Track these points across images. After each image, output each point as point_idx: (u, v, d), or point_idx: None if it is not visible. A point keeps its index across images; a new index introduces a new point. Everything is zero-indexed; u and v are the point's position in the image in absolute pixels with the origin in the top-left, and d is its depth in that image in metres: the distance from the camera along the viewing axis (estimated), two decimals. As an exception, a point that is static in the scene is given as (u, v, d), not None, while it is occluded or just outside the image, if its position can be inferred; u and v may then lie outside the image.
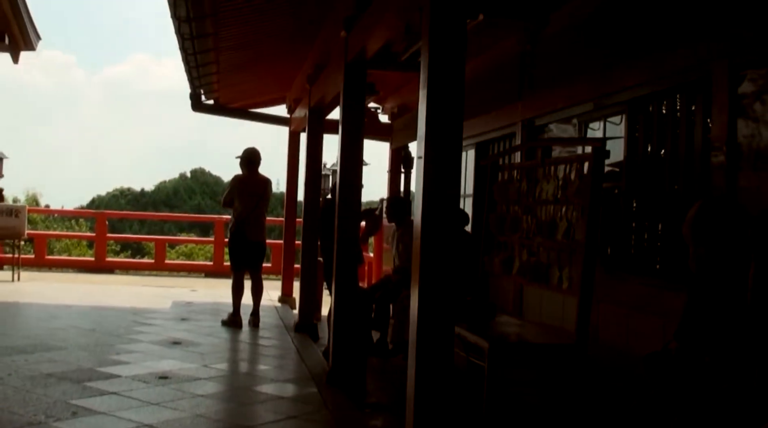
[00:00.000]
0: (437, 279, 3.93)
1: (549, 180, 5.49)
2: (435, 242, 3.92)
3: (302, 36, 9.13)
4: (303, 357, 7.72)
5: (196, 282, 15.22)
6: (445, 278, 3.93)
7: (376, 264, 12.88)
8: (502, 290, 7.48)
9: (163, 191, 56.79)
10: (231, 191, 9.61)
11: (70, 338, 7.99)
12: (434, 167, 3.88)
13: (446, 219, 3.92)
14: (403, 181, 12.51)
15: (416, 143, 4.07)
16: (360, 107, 6.95)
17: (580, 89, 6.33)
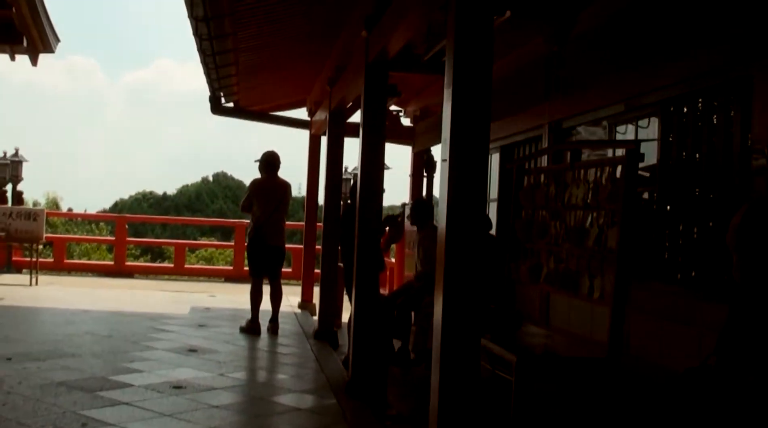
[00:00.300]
0: (462, 286, 3.72)
1: (579, 184, 5.24)
2: (460, 248, 3.70)
3: (322, 37, 8.94)
4: (322, 366, 7.51)
5: (216, 287, 15.07)
6: (471, 285, 3.72)
7: (397, 270, 12.64)
8: (527, 298, 7.24)
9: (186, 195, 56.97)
10: (250, 195, 9.43)
11: (85, 344, 7.83)
12: (459, 169, 3.67)
13: (472, 224, 3.71)
14: (426, 185, 12.28)
15: (440, 146, 3.85)
16: (381, 108, 6.74)
17: (610, 90, 6.08)
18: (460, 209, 3.67)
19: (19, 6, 10.59)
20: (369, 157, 6.56)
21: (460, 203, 3.67)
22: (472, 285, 3.71)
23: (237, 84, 10.28)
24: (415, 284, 8.79)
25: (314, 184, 12.01)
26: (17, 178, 15.67)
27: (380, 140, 6.59)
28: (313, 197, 12.13)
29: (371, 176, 6.52)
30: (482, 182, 3.71)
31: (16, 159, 15.72)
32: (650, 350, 5.38)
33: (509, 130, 8.13)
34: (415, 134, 12.28)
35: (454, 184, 3.66)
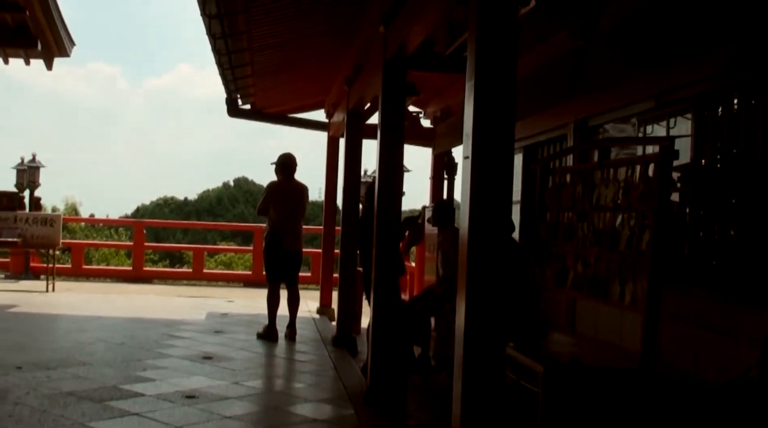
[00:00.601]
0: (486, 292, 3.48)
1: (608, 184, 4.97)
2: (483, 251, 3.46)
3: (339, 35, 8.72)
4: (340, 374, 7.28)
5: (234, 292, 14.89)
6: (495, 290, 3.48)
7: (418, 274, 12.39)
8: (552, 304, 6.97)
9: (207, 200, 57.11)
10: (266, 198, 9.21)
11: (97, 352, 7.64)
12: (483, 167, 3.42)
13: (496, 225, 3.46)
14: (446, 188, 12.03)
15: (461, 147, 3.60)
16: (400, 107, 6.51)
17: (639, 86, 5.81)
18: (484, 210, 3.43)
19: (33, 9, 10.47)
20: (387, 158, 6.32)
21: (483, 203, 3.42)
22: (496, 290, 3.46)
23: (253, 85, 10.09)
24: (436, 288, 8.57)
25: (332, 187, 11.78)
26: (34, 184, 15.58)
27: (399, 140, 6.35)
28: (332, 201, 11.90)
29: (390, 177, 6.28)
30: (507, 181, 3.46)
31: (33, 165, 15.64)
32: (683, 359, 5.10)
33: (532, 130, 7.86)
34: (435, 136, 12.05)
35: (477, 183, 3.41)
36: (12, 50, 11.51)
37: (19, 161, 15.79)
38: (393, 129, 6.35)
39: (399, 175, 6.38)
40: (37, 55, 11.62)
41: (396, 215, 6.36)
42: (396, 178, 6.32)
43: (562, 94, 7.05)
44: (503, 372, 3.64)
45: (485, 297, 3.47)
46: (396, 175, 6.32)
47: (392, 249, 6.38)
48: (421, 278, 12.10)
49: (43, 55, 11.58)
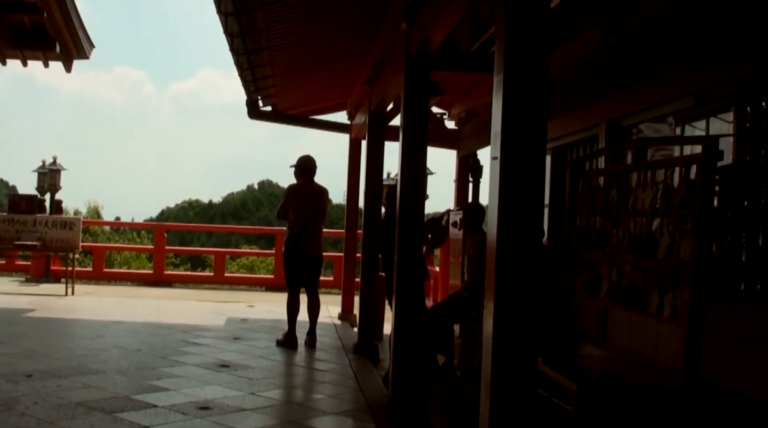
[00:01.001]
0: (516, 301, 3.20)
1: (645, 187, 4.65)
2: (513, 257, 3.18)
3: (360, 34, 8.46)
4: (361, 385, 7.01)
5: (255, 296, 14.67)
6: (526, 299, 3.19)
7: (442, 279, 12.08)
8: (583, 314, 6.64)
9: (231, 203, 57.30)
10: (285, 201, 8.96)
11: (111, 359, 7.42)
12: (512, 168, 3.14)
13: (526, 229, 3.16)
14: (472, 191, 11.72)
15: (487, 148, 3.32)
16: (423, 107, 6.22)
17: (677, 83, 5.47)
18: (513, 213, 3.14)
19: (51, 10, 10.31)
20: (410, 158, 6.04)
21: (513, 206, 3.14)
22: (527, 299, 3.17)
23: (273, 86, 9.84)
24: (461, 294, 8.30)
25: (354, 190, 11.52)
26: (55, 187, 15.46)
27: (422, 140, 6.07)
28: (354, 204, 11.64)
29: (412, 179, 5.99)
30: (538, 182, 3.17)
31: (54, 168, 15.52)
32: (725, 375, 4.76)
33: (561, 130, 7.53)
34: (460, 138, 11.76)
35: (506, 185, 3.12)
36: (30, 52, 11.34)
37: (41, 164, 15.69)
38: (416, 129, 6.07)
39: (422, 176, 6.11)
40: (55, 57, 11.45)
41: (419, 219, 6.07)
42: (419, 179, 6.04)
43: (592, 93, 6.73)
44: (535, 388, 3.34)
45: (515, 306, 3.19)
46: (419, 176, 6.04)
47: (415, 253, 6.10)
48: (445, 284, 11.79)
49: (62, 57, 11.42)
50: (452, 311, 8.09)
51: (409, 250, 6.01)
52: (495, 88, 3.26)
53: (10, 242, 13.35)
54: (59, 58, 11.44)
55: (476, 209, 8.31)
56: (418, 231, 6.12)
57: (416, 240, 6.09)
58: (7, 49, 11.20)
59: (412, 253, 6.04)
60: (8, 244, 13.44)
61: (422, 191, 6.06)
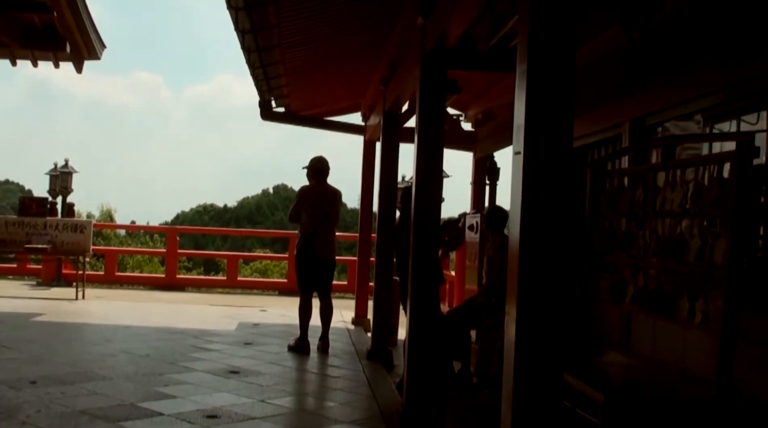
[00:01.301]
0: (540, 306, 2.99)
1: (674, 187, 4.41)
2: (537, 260, 2.96)
3: (375, 32, 8.25)
4: (374, 391, 6.79)
5: (268, 301, 14.47)
6: (551, 304, 2.97)
7: (458, 284, 11.83)
8: (605, 319, 6.39)
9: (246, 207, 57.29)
10: (297, 204, 8.75)
11: (119, 365, 7.23)
12: (537, 164, 2.92)
13: (551, 230, 2.94)
14: (488, 194, 11.49)
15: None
16: (439, 105, 6.01)
17: (705, 79, 5.22)
18: (537, 212, 2.92)
19: (61, 9, 10.17)
20: (425, 159, 5.82)
21: (537, 204, 2.92)
22: (552, 304, 2.95)
23: (286, 86, 9.65)
24: (478, 298, 8.08)
25: (368, 192, 11.29)
26: (67, 189, 15.31)
27: (438, 139, 5.85)
28: (368, 207, 11.42)
29: (428, 180, 5.77)
30: (565, 179, 2.94)
31: (66, 170, 15.38)
32: (758, 385, 4.51)
33: (582, 130, 7.24)
34: (476, 139, 11.53)
35: (529, 182, 2.91)
36: (40, 53, 11.23)
37: (52, 167, 15.56)
38: (432, 128, 5.85)
39: (437, 178, 5.88)
40: (66, 58, 11.33)
41: (434, 222, 5.85)
42: (434, 181, 5.82)
43: (615, 92, 6.50)
44: (560, 399, 3.12)
45: (539, 312, 2.98)
46: (434, 177, 5.82)
47: (430, 257, 5.87)
48: (461, 288, 11.54)
49: (72, 57, 11.29)
50: (469, 316, 7.87)
51: (424, 254, 5.80)
52: (518, 79, 3.04)
53: (21, 246, 13.21)
54: (70, 59, 11.31)
55: (498, 212, 8.13)
56: (434, 235, 5.89)
57: (432, 244, 5.87)
58: (18, 50, 11.09)
59: (428, 257, 5.82)
60: (18, 247, 13.30)
61: (438, 193, 5.83)
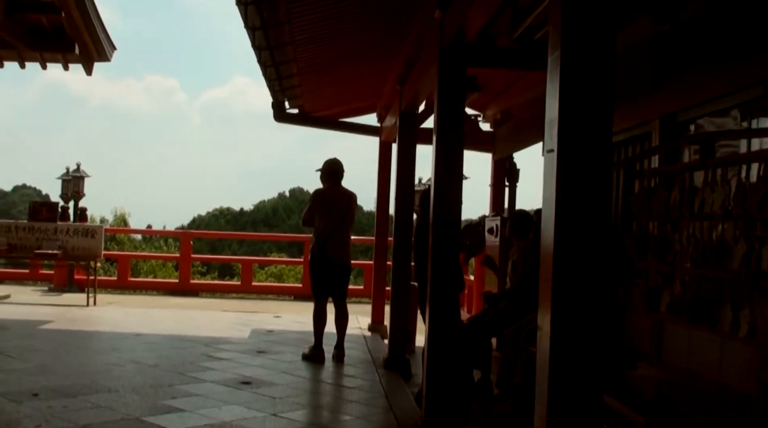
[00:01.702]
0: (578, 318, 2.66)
1: (715, 187, 4.08)
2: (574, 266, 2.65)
3: (391, 30, 7.96)
4: (391, 403, 6.49)
5: (283, 306, 14.21)
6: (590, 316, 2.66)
7: (477, 289, 11.50)
8: (634, 327, 6.06)
9: (262, 211, 57.22)
10: (311, 207, 8.45)
11: (126, 376, 6.96)
12: (573, 162, 2.60)
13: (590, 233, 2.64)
14: (508, 196, 11.16)
15: (545, 131, 2.79)
16: (459, 103, 5.70)
17: (743, 71, 4.88)
18: (574, 214, 2.62)
19: (69, 10, 9.96)
20: (445, 159, 5.52)
21: (573, 205, 2.61)
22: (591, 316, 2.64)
23: (299, 86, 9.36)
24: (498, 304, 7.77)
25: (385, 195, 10.99)
26: (79, 194, 15.11)
27: (458, 139, 5.54)
28: (384, 209, 11.11)
29: (447, 181, 5.47)
30: (604, 177, 2.63)
31: (78, 174, 15.18)
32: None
33: (608, 128, 6.94)
34: (495, 140, 11.21)
35: (565, 180, 2.60)
36: (49, 54, 11.04)
37: (65, 171, 15.37)
38: (451, 127, 5.55)
39: (457, 178, 5.57)
40: (75, 60, 11.14)
41: (454, 225, 5.54)
42: (454, 182, 5.51)
43: (644, 87, 6.16)
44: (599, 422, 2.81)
45: (576, 325, 2.66)
46: (454, 178, 5.52)
47: (450, 262, 5.57)
48: (480, 294, 11.22)
49: (82, 59, 11.09)
50: (489, 322, 7.57)
51: (443, 259, 5.49)
52: (550, 68, 2.74)
53: (31, 251, 12.99)
54: (79, 60, 11.12)
55: (523, 217, 7.87)
56: (454, 238, 5.58)
57: (452, 248, 5.56)
58: (26, 51, 10.90)
59: (448, 262, 5.52)
60: (29, 253, 13.08)
61: (458, 195, 5.52)
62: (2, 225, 13.37)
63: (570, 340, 2.64)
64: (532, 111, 9.72)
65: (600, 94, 2.62)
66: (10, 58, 11.11)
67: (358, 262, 15.55)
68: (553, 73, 2.70)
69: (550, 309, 2.62)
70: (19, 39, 10.30)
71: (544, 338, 2.67)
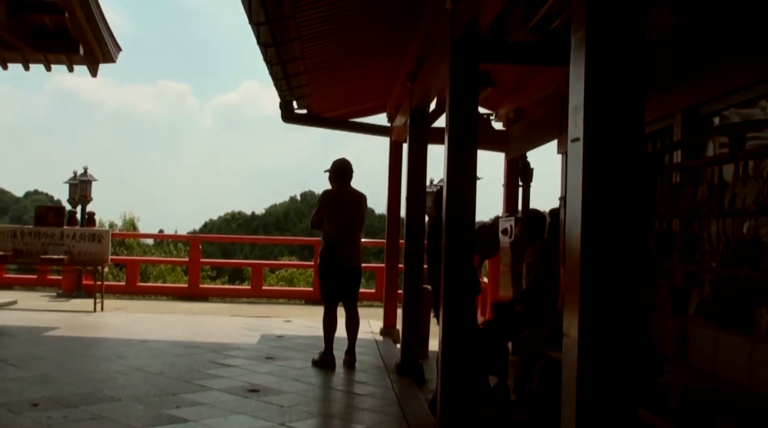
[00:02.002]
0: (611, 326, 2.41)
1: (747, 181, 3.83)
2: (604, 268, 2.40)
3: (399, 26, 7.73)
4: (404, 411, 6.24)
5: (293, 311, 13.99)
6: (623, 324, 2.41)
7: (491, 291, 11.24)
8: (657, 330, 5.79)
9: (274, 214, 57.25)
10: (320, 209, 8.19)
11: (130, 385, 6.74)
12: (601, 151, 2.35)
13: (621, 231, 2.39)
14: (521, 196, 10.91)
15: (569, 119, 2.54)
16: (472, 99, 5.44)
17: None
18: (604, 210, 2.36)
19: (73, 10, 9.77)
20: (458, 157, 5.28)
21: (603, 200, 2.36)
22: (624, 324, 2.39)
23: (307, 84, 9.13)
24: (514, 307, 7.53)
25: (396, 196, 10.72)
26: (86, 198, 14.91)
27: (471, 136, 5.30)
28: (395, 211, 10.85)
29: (461, 179, 5.23)
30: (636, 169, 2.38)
31: (85, 179, 14.99)
32: None
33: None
34: (508, 139, 10.96)
35: (592, 173, 2.35)
36: (53, 56, 10.86)
37: (72, 176, 15.19)
38: (464, 124, 5.30)
39: (471, 177, 5.32)
40: (79, 61, 10.97)
41: (469, 225, 5.29)
42: (468, 181, 5.27)
43: (664, 79, 5.90)
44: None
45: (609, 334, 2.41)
46: (468, 177, 5.27)
47: (465, 264, 5.32)
48: (494, 296, 10.96)
49: (86, 60, 10.92)
50: (505, 326, 7.32)
51: (458, 261, 5.25)
52: (574, 49, 2.49)
53: (37, 256, 12.79)
54: (84, 62, 10.94)
55: (537, 218, 7.63)
56: (469, 240, 5.33)
57: (466, 250, 5.31)
58: (30, 53, 10.74)
59: (462, 264, 5.27)
60: (34, 258, 12.89)
61: (472, 195, 5.28)
62: (7, 230, 13.20)
63: (600, 348, 2.39)
64: (546, 109, 9.48)
65: (630, 75, 2.37)
66: (13, 59, 10.94)
67: (369, 265, 15.32)
68: (577, 55, 2.45)
69: (577, 315, 2.37)
70: (22, 40, 10.12)
71: (572, 346, 2.42)
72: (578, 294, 2.37)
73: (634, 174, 2.36)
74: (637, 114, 2.39)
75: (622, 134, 2.36)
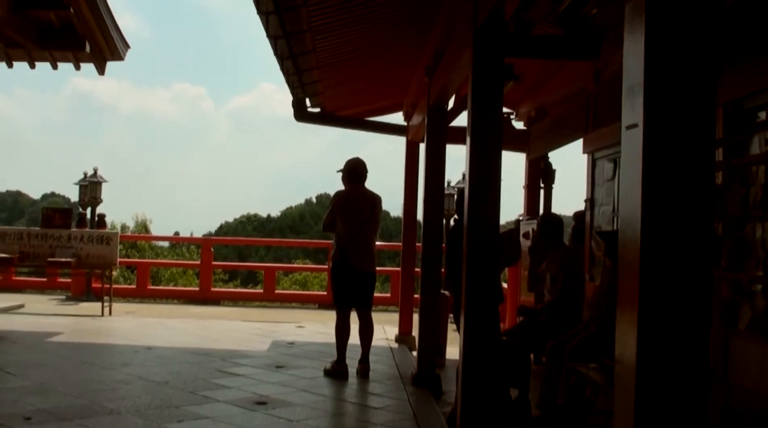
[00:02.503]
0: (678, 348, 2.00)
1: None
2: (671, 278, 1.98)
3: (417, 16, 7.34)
4: (420, 426, 5.84)
5: (306, 315, 13.62)
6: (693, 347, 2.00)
7: (511, 296, 10.82)
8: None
9: (289, 217, 57.18)
10: (332, 210, 7.77)
11: (131, 395, 6.36)
12: (666, 139, 1.94)
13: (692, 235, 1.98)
14: (543, 197, 10.50)
15: (623, 103, 2.13)
16: (496, 92, 5.02)
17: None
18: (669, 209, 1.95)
19: (79, 6, 9.44)
20: (481, 155, 4.86)
21: (668, 197, 1.95)
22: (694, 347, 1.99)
23: (320, 81, 8.76)
24: (538, 316, 7.15)
25: (412, 197, 10.30)
26: (96, 200, 14.62)
27: (495, 132, 4.89)
28: (411, 213, 10.43)
29: (484, 178, 4.82)
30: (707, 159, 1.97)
31: (95, 180, 14.70)
32: None
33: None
34: (530, 139, 10.57)
35: (656, 167, 1.93)
36: (59, 53, 10.52)
37: (82, 177, 14.91)
38: (487, 120, 4.89)
39: (495, 176, 4.90)
40: (86, 58, 10.62)
41: (493, 227, 4.87)
42: (491, 180, 4.85)
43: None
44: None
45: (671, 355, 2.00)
46: (492, 176, 4.86)
47: (488, 270, 4.91)
48: (515, 302, 10.54)
49: (93, 58, 10.57)
50: (528, 336, 6.92)
51: (480, 265, 4.84)
52: (628, 19, 2.08)
53: (44, 259, 12.48)
54: (91, 59, 10.59)
55: (553, 221, 7.25)
56: (493, 245, 4.92)
57: (490, 255, 4.90)
58: (35, 51, 10.40)
59: (486, 269, 4.86)
60: (42, 261, 12.58)
61: (496, 195, 4.87)
62: (14, 232, 12.90)
63: (662, 375, 1.99)
64: (570, 107, 9.09)
65: (699, 47, 1.97)
66: (18, 57, 10.61)
67: (384, 269, 14.94)
68: (633, 25, 2.05)
69: (635, 337, 1.96)
70: (27, 37, 9.79)
71: (627, 374, 2.01)
72: (636, 312, 1.97)
73: (705, 167, 1.95)
74: (708, 95, 1.99)
75: (691, 118, 1.95)
